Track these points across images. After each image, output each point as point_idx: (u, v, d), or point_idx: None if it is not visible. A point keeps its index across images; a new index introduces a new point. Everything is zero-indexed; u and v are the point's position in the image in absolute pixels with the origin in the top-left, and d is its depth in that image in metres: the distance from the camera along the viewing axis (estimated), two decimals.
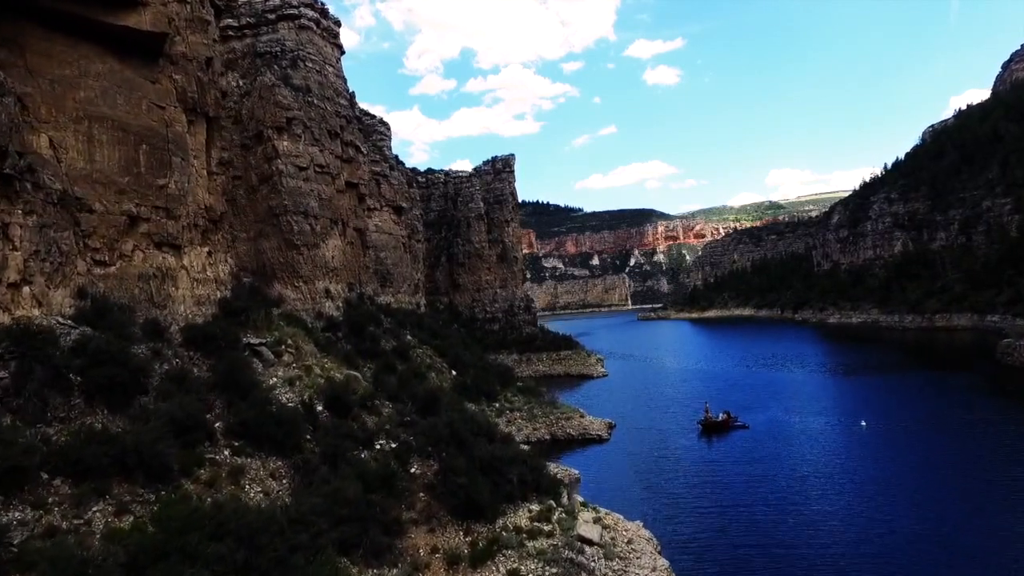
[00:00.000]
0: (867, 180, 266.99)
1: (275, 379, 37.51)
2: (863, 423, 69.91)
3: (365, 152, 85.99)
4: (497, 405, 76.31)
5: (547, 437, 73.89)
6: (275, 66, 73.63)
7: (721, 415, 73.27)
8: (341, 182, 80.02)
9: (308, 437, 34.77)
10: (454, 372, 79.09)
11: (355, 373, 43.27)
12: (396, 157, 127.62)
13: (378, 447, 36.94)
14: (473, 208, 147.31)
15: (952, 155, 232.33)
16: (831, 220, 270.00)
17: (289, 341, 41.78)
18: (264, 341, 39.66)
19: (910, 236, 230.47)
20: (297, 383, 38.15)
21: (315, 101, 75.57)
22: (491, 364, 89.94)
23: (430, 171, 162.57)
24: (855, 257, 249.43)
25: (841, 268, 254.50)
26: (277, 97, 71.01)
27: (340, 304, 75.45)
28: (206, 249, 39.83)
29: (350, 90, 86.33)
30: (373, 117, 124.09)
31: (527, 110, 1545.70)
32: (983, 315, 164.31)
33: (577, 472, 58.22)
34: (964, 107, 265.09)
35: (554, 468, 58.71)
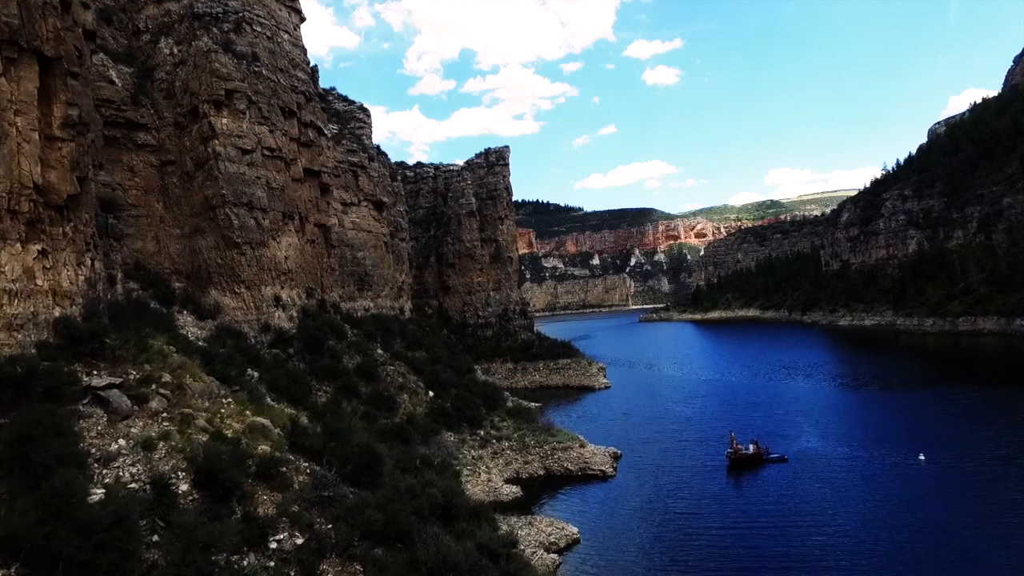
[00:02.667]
0: (878, 177, 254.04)
1: (120, 443, 24.63)
2: (921, 457, 57.07)
3: (330, 135, 73.07)
4: (482, 433, 63.45)
5: (541, 472, 61.02)
6: (214, 29, 60.69)
7: (750, 447, 60.34)
8: (299, 169, 67.18)
9: (155, 539, 21.91)
10: (431, 393, 66.29)
11: (263, 420, 30.44)
12: (377, 147, 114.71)
13: (274, 546, 23.99)
14: (464, 204, 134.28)
15: (968, 150, 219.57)
16: (840, 218, 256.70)
17: (167, 378, 28.94)
18: (119, 381, 26.91)
19: (925, 235, 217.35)
20: (160, 446, 25.16)
21: (264, 72, 62.68)
22: (476, 382, 76.93)
23: (419, 165, 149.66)
24: (867, 256, 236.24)
25: (852, 268, 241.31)
26: (214, 65, 58.12)
27: (295, 313, 62.60)
28: (37, 247, 27.15)
29: (311, 63, 73.35)
30: (352, 103, 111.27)
31: (527, 110, 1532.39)
32: (1011, 319, 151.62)
33: (576, 530, 45.46)
34: (979, 100, 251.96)
35: (547, 525, 46.00)
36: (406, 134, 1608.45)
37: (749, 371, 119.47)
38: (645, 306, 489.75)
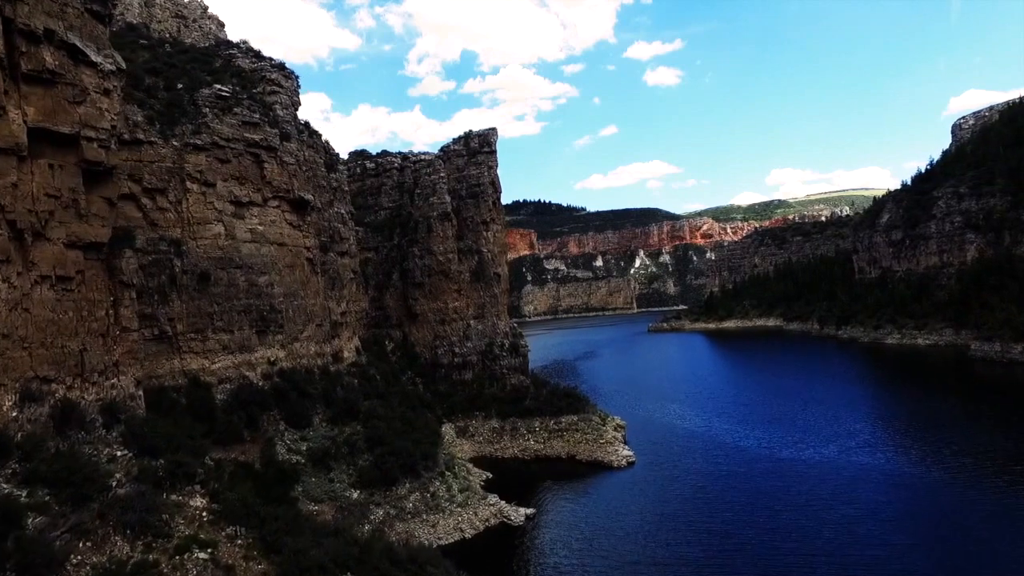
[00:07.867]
0: (923, 170, 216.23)
1: None
2: None
3: (113, 70, 36.00)
4: None
5: None
6: None
7: None
8: (13, 129, 30.57)
9: None
10: None
11: None
12: (307, 124, 78.33)
13: None
14: (436, 204, 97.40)
15: None
16: (880, 219, 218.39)
17: None
18: None
19: (987, 239, 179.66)
20: None
21: None
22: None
23: (384, 153, 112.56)
24: (913, 263, 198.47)
25: (895, 276, 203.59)
26: None
27: None
28: None
29: None
30: (263, 59, 75.16)
31: (527, 111, 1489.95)
32: None
33: None
34: None
35: None
36: (407, 134, 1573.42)
37: (837, 437, 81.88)
38: (651, 309, 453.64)
